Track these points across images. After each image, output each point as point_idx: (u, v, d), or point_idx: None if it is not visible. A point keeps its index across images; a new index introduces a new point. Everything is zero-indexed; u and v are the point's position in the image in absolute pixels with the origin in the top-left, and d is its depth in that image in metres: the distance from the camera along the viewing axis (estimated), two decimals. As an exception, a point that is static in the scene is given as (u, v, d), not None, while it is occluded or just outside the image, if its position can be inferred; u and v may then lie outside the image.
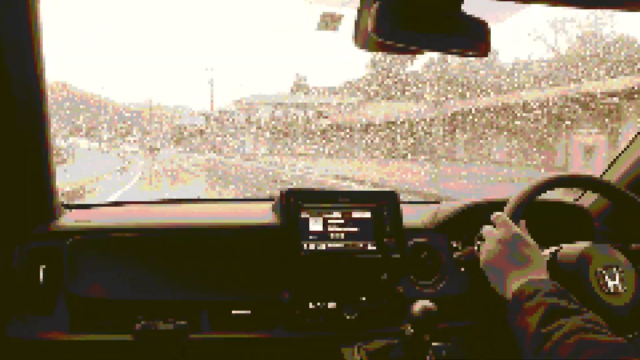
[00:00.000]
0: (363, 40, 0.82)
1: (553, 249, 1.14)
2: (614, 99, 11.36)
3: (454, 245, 1.43)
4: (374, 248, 1.30)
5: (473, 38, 0.80)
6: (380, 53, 0.92)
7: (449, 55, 0.85)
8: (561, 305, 0.86)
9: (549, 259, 1.12)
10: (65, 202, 1.44)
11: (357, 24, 0.83)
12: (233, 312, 1.28)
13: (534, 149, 13.53)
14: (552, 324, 0.82)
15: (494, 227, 1.10)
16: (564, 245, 1.14)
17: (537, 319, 0.85)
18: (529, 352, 0.84)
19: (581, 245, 1.10)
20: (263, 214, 1.41)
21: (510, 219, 1.10)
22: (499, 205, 1.19)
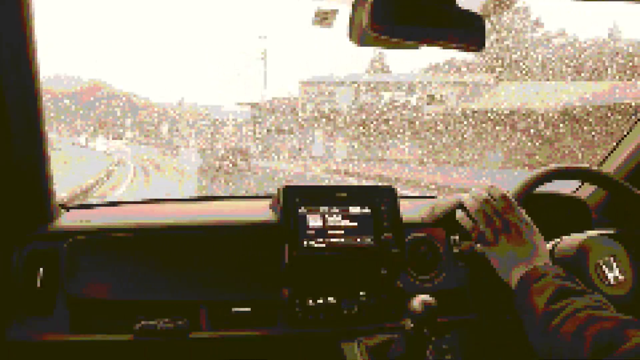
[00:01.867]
0: (358, 35, 0.82)
1: (551, 243, 1.14)
2: None
3: (453, 239, 1.43)
4: (373, 243, 1.30)
5: (468, 31, 0.80)
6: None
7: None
8: (570, 286, 0.86)
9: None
10: (62, 203, 1.44)
11: (351, 19, 0.82)
12: (233, 310, 1.28)
13: None
14: (561, 301, 0.83)
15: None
16: (561, 239, 1.14)
17: (545, 298, 0.85)
18: (536, 330, 0.85)
19: (579, 237, 1.10)
20: (261, 211, 1.41)
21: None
22: None
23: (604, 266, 1.05)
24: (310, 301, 1.28)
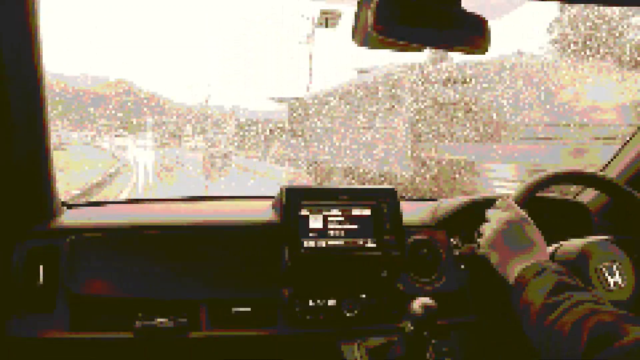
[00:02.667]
0: (362, 37, 0.82)
1: (552, 246, 1.14)
2: None
3: (454, 241, 1.43)
4: (374, 245, 1.30)
5: (472, 34, 0.80)
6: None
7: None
8: (569, 282, 0.86)
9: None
10: (64, 200, 1.44)
11: (356, 21, 0.83)
12: (233, 309, 1.28)
13: None
14: (561, 295, 0.83)
15: (499, 209, 1.10)
16: (563, 243, 1.14)
17: (545, 291, 0.85)
18: (534, 323, 0.85)
19: (580, 242, 1.10)
20: (263, 211, 1.41)
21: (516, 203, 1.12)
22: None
23: (605, 271, 1.05)
24: (311, 302, 1.28)
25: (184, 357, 1.30)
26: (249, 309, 1.28)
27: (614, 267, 1.06)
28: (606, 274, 1.05)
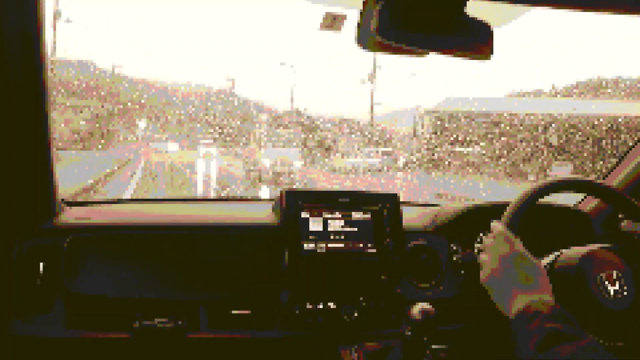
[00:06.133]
0: (366, 41, 0.82)
1: (552, 255, 1.14)
2: None
3: (453, 247, 1.43)
4: (374, 249, 1.30)
5: (476, 40, 0.80)
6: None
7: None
8: (560, 330, 0.86)
9: (548, 267, 1.11)
10: (65, 199, 1.44)
11: (359, 24, 0.83)
12: (232, 311, 1.27)
13: None
14: (548, 350, 0.83)
15: (494, 238, 1.08)
16: (563, 251, 1.14)
17: (538, 344, 0.85)
18: None
19: (580, 250, 1.10)
20: (263, 213, 1.41)
21: (509, 223, 1.09)
22: (498, 208, 1.19)
23: (605, 280, 1.04)
24: (310, 305, 1.28)
25: (182, 358, 1.29)
26: (247, 311, 1.28)
27: (615, 275, 1.05)
28: (606, 283, 1.04)
